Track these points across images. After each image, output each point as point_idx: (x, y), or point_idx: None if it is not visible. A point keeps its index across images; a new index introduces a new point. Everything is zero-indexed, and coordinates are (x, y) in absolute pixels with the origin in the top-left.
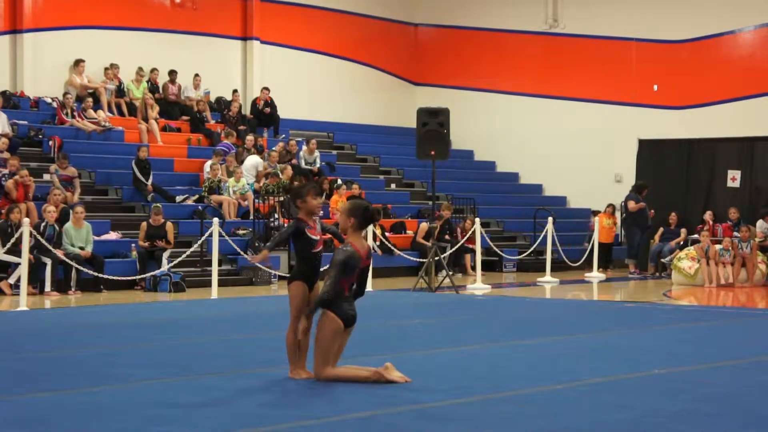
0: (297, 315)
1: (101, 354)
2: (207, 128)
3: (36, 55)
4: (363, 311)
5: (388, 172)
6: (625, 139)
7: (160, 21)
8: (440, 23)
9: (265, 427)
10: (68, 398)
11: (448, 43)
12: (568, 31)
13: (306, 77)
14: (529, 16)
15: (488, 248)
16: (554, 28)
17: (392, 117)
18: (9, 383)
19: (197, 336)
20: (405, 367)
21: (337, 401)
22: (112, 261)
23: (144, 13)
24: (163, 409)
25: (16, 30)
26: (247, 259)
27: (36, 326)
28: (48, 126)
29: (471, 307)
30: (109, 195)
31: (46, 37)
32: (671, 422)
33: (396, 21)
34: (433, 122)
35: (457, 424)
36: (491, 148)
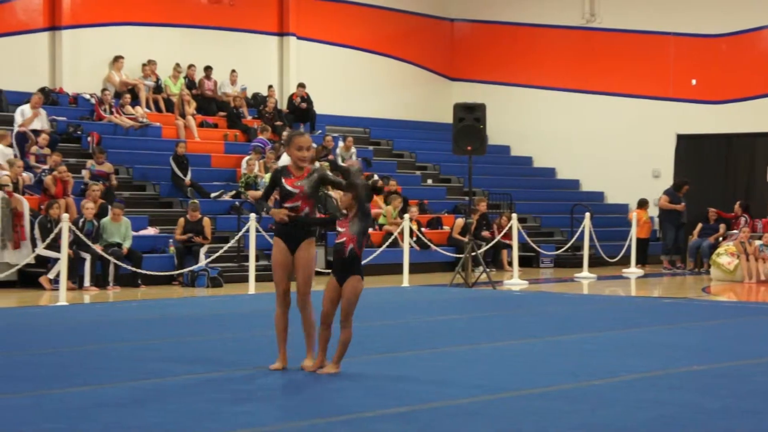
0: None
1: (139, 349)
2: (243, 124)
3: (75, 51)
4: (399, 307)
5: (424, 168)
6: (663, 134)
7: (197, 17)
8: (476, 18)
9: (301, 422)
10: (106, 392)
11: (484, 38)
12: (605, 25)
13: (342, 73)
14: (566, 11)
15: (525, 244)
16: (591, 22)
17: (428, 112)
18: (48, 377)
19: (234, 331)
20: (442, 362)
21: (373, 396)
22: (150, 256)
23: (181, 10)
24: (198, 403)
25: (55, 27)
26: None
27: (75, 321)
28: (86, 122)
29: (508, 303)
30: (146, 191)
31: (84, 34)
32: (710, 419)
33: (432, 16)
34: (470, 117)
35: (493, 420)
36: (528, 143)
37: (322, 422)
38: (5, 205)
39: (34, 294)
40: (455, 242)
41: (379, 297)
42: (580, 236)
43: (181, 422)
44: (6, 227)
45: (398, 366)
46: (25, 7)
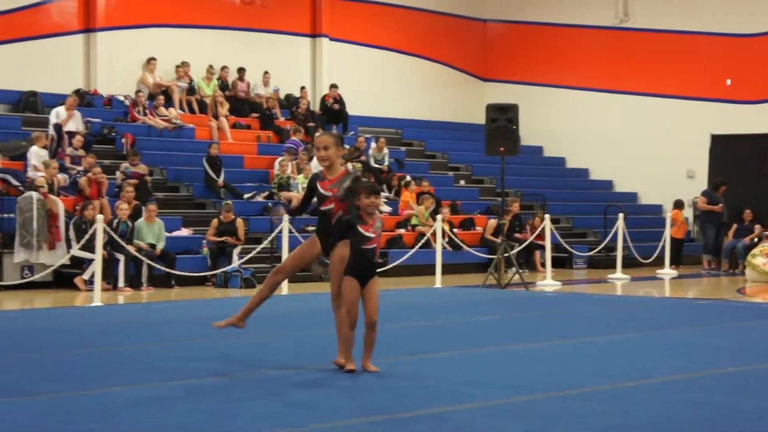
0: (349, 310)
1: (172, 349)
2: (276, 125)
3: (109, 53)
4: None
5: (457, 169)
6: (697, 134)
7: (230, 19)
8: (509, 19)
9: (333, 423)
10: (141, 392)
11: (517, 39)
12: (638, 25)
13: (374, 74)
14: (599, 11)
15: (558, 245)
16: (625, 22)
17: (461, 113)
18: (83, 377)
19: (266, 332)
20: (474, 363)
21: (405, 397)
22: (184, 257)
23: (214, 11)
24: (231, 403)
25: (89, 29)
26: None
27: (109, 321)
28: (121, 123)
29: (541, 304)
30: (180, 192)
31: (118, 36)
32: (745, 421)
33: (465, 17)
34: (502, 118)
35: (526, 421)
36: (561, 144)
37: (356, 422)
38: (41, 207)
39: (69, 294)
40: (488, 243)
41: (411, 298)
42: (614, 237)
43: (214, 422)
44: (41, 228)
45: (431, 367)
46: (60, 9)
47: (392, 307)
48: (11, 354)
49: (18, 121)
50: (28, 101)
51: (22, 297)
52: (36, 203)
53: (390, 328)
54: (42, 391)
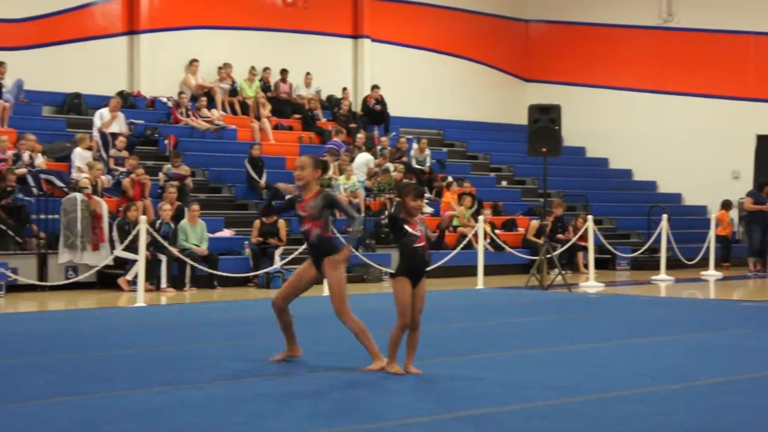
0: (402, 311)
1: (215, 349)
2: (318, 126)
3: (152, 55)
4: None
5: (498, 170)
6: (742, 134)
7: (272, 20)
8: (552, 19)
9: (376, 424)
10: (183, 393)
11: (559, 39)
12: (683, 25)
13: (416, 74)
14: (643, 11)
15: (601, 246)
16: (669, 22)
17: (503, 114)
18: (127, 378)
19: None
20: (517, 364)
21: (447, 399)
22: (226, 258)
23: (256, 13)
24: (272, 404)
25: (133, 31)
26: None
27: (152, 322)
28: (163, 125)
29: (583, 305)
30: (222, 193)
31: (161, 38)
32: None
33: (507, 17)
34: (545, 119)
35: (569, 423)
36: (604, 144)
37: (399, 424)
38: (85, 208)
39: (113, 295)
40: (530, 244)
41: (453, 299)
42: (657, 238)
43: (257, 423)
44: (85, 229)
45: (473, 368)
46: (104, 11)
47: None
48: (55, 354)
49: (63, 123)
50: (73, 103)
51: (66, 297)
52: (80, 204)
53: (432, 330)
54: (84, 391)
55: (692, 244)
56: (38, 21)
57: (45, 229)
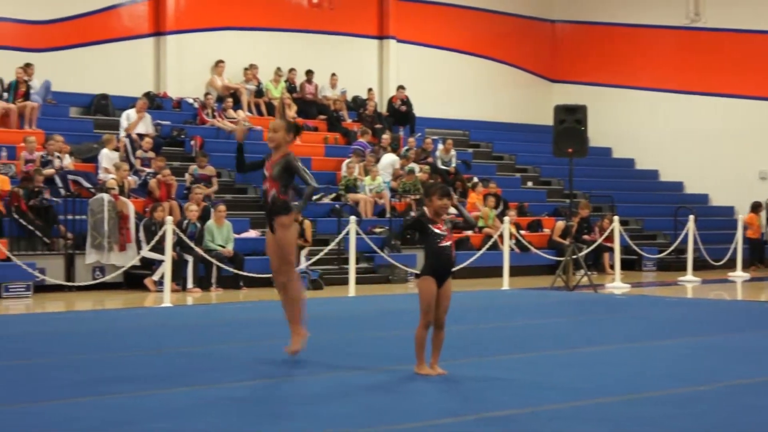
0: (426, 310)
1: (241, 350)
2: (343, 127)
3: (178, 56)
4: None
5: (524, 170)
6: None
7: (297, 21)
8: (578, 19)
9: (402, 425)
10: (209, 393)
11: (585, 40)
12: (710, 25)
13: (442, 75)
14: (670, 11)
15: (627, 247)
16: (696, 22)
17: (529, 114)
18: (153, 378)
19: (333, 333)
20: (542, 365)
21: (473, 400)
22: (252, 258)
23: (282, 14)
24: (296, 405)
25: (159, 32)
26: (384, 257)
27: (179, 322)
28: (190, 126)
29: (609, 306)
30: (248, 193)
31: (187, 39)
32: None
33: (533, 17)
34: (571, 119)
35: (595, 425)
36: (630, 145)
37: (425, 425)
38: (111, 208)
39: (140, 295)
40: (556, 245)
41: (478, 300)
42: (684, 239)
43: (282, 424)
44: (112, 230)
45: (499, 369)
46: (131, 13)
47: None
48: (82, 354)
49: (90, 124)
50: (100, 104)
51: (93, 297)
52: (107, 205)
53: (458, 330)
54: (110, 391)
55: (719, 245)
56: (65, 23)
57: (72, 229)
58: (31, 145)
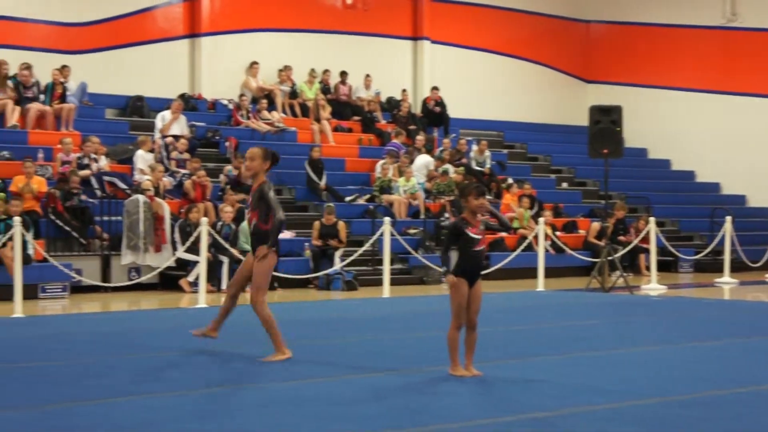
0: (457, 311)
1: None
2: (378, 128)
3: (213, 58)
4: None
5: (559, 171)
6: None
7: (331, 23)
8: (612, 19)
9: (436, 426)
10: (241, 393)
11: (620, 40)
12: (747, 24)
13: (476, 76)
14: (706, 10)
15: (663, 248)
16: (732, 22)
17: (563, 115)
18: (187, 378)
19: (367, 334)
20: (577, 367)
21: (508, 401)
22: (286, 260)
23: (316, 15)
24: (329, 406)
25: (194, 34)
26: (418, 258)
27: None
28: (224, 127)
29: (645, 308)
30: (282, 195)
31: (222, 41)
32: None
33: (567, 18)
34: (606, 120)
35: (631, 427)
36: (666, 146)
37: (460, 426)
38: (147, 209)
39: (175, 296)
40: (591, 246)
41: (513, 301)
42: (721, 240)
43: (318, 425)
44: (148, 231)
45: (534, 371)
46: (166, 15)
47: (495, 311)
48: (118, 354)
49: (125, 126)
50: (135, 106)
51: (129, 298)
52: (142, 206)
53: (493, 332)
54: (145, 391)
55: (756, 246)
56: (101, 25)
57: (108, 230)
58: (67, 147)
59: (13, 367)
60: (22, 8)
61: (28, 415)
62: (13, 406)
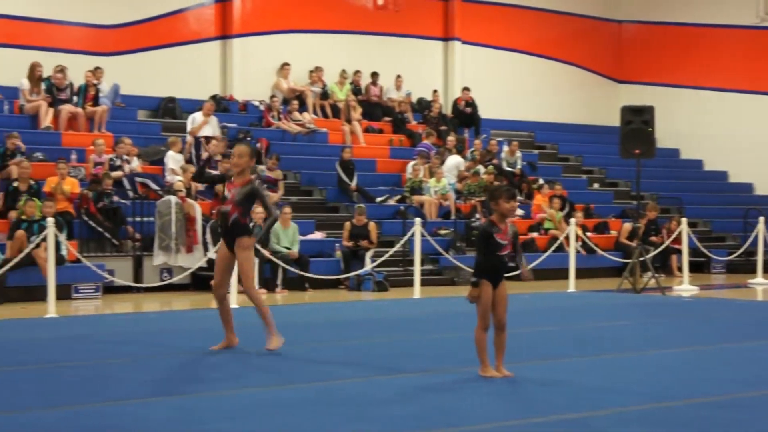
0: (483, 314)
1: (306, 351)
2: (408, 129)
3: (244, 59)
4: (566, 312)
5: (590, 172)
6: None
7: (362, 24)
8: (645, 19)
9: (468, 427)
10: (273, 394)
11: (652, 40)
12: None
13: (507, 76)
14: (739, 10)
15: (695, 249)
16: (765, 21)
17: (595, 115)
18: (221, 378)
19: (398, 335)
20: (609, 368)
21: (539, 402)
22: (317, 260)
23: (347, 17)
24: (360, 406)
25: (225, 36)
26: (449, 259)
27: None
28: (255, 128)
29: (677, 309)
30: (313, 195)
31: (253, 42)
32: None
33: (599, 18)
34: (638, 120)
35: (662, 429)
36: (698, 146)
37: (491, 427)
38: (179, 210)
39: (206, 297)
40: (622, 247)
41: (544, 302)
42: (754, 241)
43: (349, 425)
44: (179, 231)
45: (564, 372)
46: (198, 17)
47: (525, 312)
48: (149, 355)
49: (157, 127)
50: (167, 107)
51: (161, 299)
52: (174, 207)
53: (523, 333)
54: (177, 391)
55: None
56: (134, 27)
57: (140, 231)
58: (99, 148)
59: (46, 366)
60: (56, 11)
61: (61, 414)
62: (45, 405)
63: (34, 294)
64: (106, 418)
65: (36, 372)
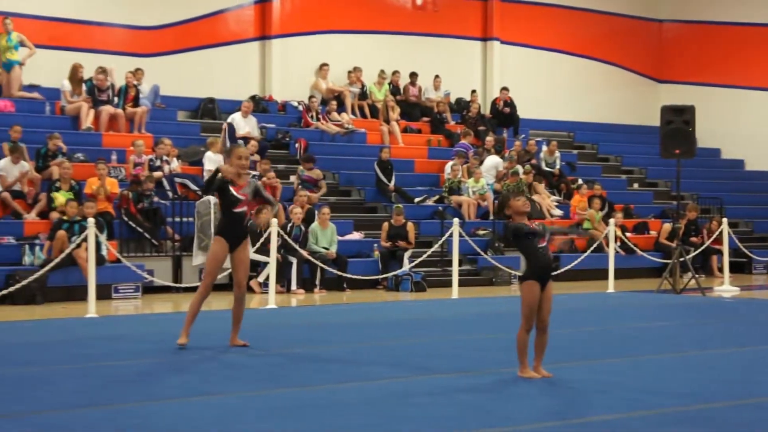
0: (528, 314)
1: (344, 351)
2: (447, 129)
3: (283, 60)
4: (605, 312)
5: (630, 172)
6: None
7: (401, 24)
8: (686, 18)
9: (506, 427)
10: (312, 394)
11: (693, 39)
12: None
13: (546, 76)
14: None
15: (737, 249)
16: None
17: (634, 115)
18: (257, 378)
19: (436, 335)
20: (649, 369)
21: (578, 403)
22: (355, 261)
23: (385, 17)
24: (400, 407)
25: (265, 36)
26: (487, 259)
27: (283, 324)
28: (294, 129)
29: (718, 310)
30: (352, 196)
31: (293, 43)
32: None
33: (639, 17)
34: (678, 120)
35: (702, 430)
36: (739, 146)
37: (529, 428)
38: (217, 211)
39: None
40: (662, 247)
41: (584, 303)
42: None
43: (387, 425)
44: None
45: (604, 373)
46: (238, 18)
47: (565, 312)
48: (189, 355)
49: (197, 128)
50: (206, 108)
51: None
52: (213, 207)
53: (563, 333)
54: (218, 391)
55: None
56: (174, 28)
57: (179, 231)
58: (139, 149)
59: (87, 366)
60: (97, 12)
61: (102, 413)
62: (86, 404)
63: (74, 294)
64: (147, 417)
65: (76, 371)
